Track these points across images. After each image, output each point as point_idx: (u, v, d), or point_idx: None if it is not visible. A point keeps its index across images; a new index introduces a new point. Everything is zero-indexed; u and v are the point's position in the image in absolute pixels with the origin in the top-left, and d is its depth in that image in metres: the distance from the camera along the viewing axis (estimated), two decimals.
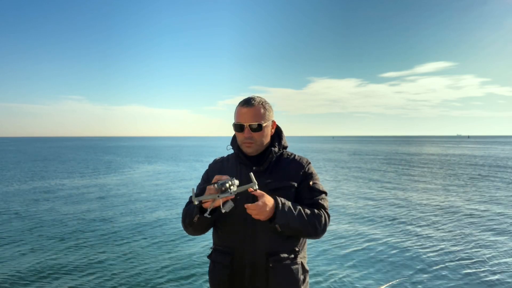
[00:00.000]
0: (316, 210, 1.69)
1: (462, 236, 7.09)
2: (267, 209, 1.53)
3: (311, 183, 1.76)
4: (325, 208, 1.74)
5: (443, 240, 6.79)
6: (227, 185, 1.47)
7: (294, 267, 1.69)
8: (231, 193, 1.48)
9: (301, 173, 1.77)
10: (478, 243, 6.59)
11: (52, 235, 7.20)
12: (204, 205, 1.56)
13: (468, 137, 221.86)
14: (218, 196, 1.47)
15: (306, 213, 1.64)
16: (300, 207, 1.64)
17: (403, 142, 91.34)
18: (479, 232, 7.36)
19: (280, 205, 1.57)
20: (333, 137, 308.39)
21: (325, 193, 1.80)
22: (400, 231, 7.49)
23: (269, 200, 1.55)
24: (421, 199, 11.26)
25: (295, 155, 1.85)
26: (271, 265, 1.66)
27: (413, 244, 6.55)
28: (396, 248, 6.36)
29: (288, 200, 1.69)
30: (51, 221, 8.43)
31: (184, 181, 16.08)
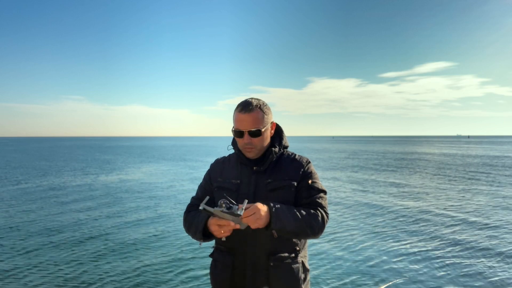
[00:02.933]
0: (312, 210, 1.68)
1: (463, 235, 7.10)
2: (262, 213, 1.51)
3: (310, 181, 1.75)
4: (323, 207, 1.73)
5: (444, 240, 6.80)
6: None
7: (295, 266, 1.70)
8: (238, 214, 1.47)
9: (300, 172, 1.76)
10: (478, 242, 6.59)
11: (52, 236, 7.21)
12: (216, 234, 1.57)
13: (468, 137, 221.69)
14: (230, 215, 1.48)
15: (301, 214, 1.62)
16: (295, 209, 1.63)
17: (403, 142, 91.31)
18: (480, 231, 7.37)
19: (274, 210, 1.55)
20: (333, 137, 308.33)
21: (324, 191, 1.79)
22: (401, 230, 7.50)
23: (261, 206, 1.53)
24: (421, 198, 11.26)
25: (295, 155, 1.85)
26: (272, 264, 1.67)
27: (414, 244, 6.56)
28: (396, 247, 6.37)
29: (288, 200, 1.70)
30: (51, 221, 8.44)
31: (184, 181, 16.09)
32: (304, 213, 1.64)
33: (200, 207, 1.47)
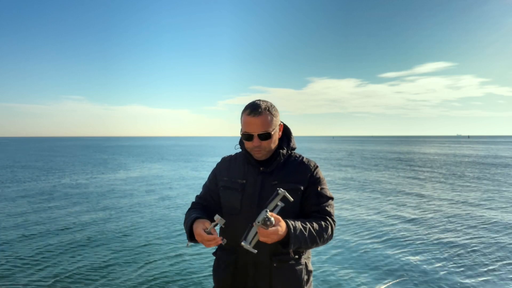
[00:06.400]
0: (323, 222, 1.68)
1: (463, 235, 7.10)
2: (276, 237, 1.48)
3: (319, 188, 1.75)
4: (331, 215, 1.74)
5: (444, 240, 6.80)
6: (270, 219, 1.47)
7: (298, 267, 1.70)
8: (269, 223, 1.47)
9: (308, 176, 1.75)
10: (478, 242, 6.60)
11: (52, 236, 7.22)
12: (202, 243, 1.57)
13: (468, 137, 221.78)
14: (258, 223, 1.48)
15: (315, 229, 1.63)
16: (309, 225, 1.62)
17: (403, 142, 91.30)
18: (480, 231, 7.37)
19: (292, 230, 1.54)
20: (333, 137, 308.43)
21: (332, 198, 1.79)
22: (401, 231, 7.50)
23: (282, 227, 1.50)
24: (421, 199, 11.26)
25: (303, 158, 1.84)
26: (275, 265, 1.67)
27: (414, 244, 6.56)
28: (397, 248, 6.37)
29: (294, 203, 1.69)
30: (51, 222, 8.44)
31: (185, 180, 16.09)
32: (317, 227, 1.64)
33: (246, 246, 1.48)
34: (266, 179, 1.73)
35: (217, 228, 1.85)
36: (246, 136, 1.72)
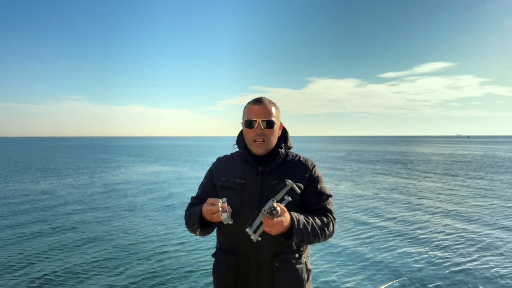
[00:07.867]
0: (325, 218, 1.70)
1: (462, 235, 7.11)
2: (280, 228, 1.49)
3: (318, 187, 1.76)
4: (331, 213, 1.76)
5: (443, 240, 6.81)
6: (276, 209, 1.46)
7: (298, 266, 1.70)
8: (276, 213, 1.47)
9: (307, 175, 1.76)
10: (478, 242, 6.61)
11: (52, 237, 7.22)
12: (213, 219, 1.53)
13: (468, 137, 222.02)
14: (264, 211, 1.47)
15: (317, 225, 1.64)
16: (312, 220, 1.64)
17: (403, 142, 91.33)
18: (480, 231, 7.38)
19: (296, 223, 1.55)
20: (333, 137, 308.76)
21: (331, 196, 1.80)
22: (401, 230, 7.51)
23: (286, 219, 1.51)
24: (421, 199, 11.27)
25: (300, 157, 1.85)
26: (276, 264, 1.67)
27: (414, 244, 6.57)
28: (396, 248, 6.37)
29: (294, 202, 1.68)
30: (51, 222, 8.45)
31: (184, 180, 16.11)
32: (319, 222, 1.66)
33: (250, 233, 1.47)
34: (265, 178, 1.72)
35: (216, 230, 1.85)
36: (248, 123, 1.71)
